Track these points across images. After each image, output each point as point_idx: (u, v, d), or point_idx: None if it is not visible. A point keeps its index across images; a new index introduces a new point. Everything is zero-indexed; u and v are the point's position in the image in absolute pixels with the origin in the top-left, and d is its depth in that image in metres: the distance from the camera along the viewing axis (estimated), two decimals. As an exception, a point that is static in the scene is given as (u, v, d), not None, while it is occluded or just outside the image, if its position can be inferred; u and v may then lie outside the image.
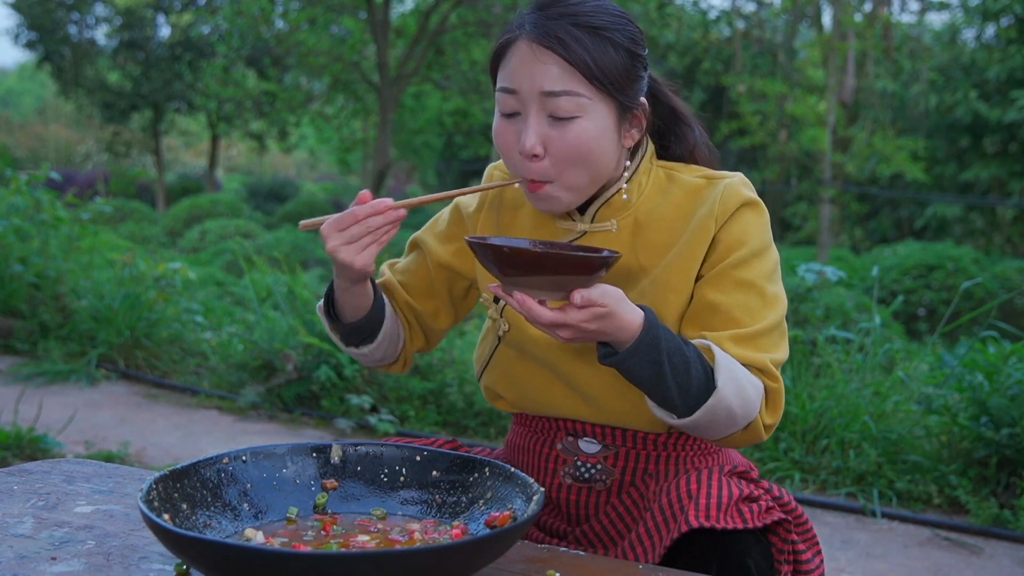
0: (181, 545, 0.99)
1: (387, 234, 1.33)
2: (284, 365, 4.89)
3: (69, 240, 6.30)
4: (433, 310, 1.61)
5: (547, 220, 1.50)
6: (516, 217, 1.53)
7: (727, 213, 1.39)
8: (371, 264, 1.34)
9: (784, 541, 1.30)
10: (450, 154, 20.85)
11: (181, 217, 15.29)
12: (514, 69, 1.37)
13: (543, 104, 1.35)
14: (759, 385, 1.34)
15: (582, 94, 1.34)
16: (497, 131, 1.41)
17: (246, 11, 11.63)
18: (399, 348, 1.59)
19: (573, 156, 1.35)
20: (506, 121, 1.40)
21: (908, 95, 17.33)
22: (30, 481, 1.41)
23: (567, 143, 1.35)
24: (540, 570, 1.15)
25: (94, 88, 20.91)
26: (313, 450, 1.27)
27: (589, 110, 1.35)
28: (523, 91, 1.36)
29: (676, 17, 13.11)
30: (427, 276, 1.60)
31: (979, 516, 3.55)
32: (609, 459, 1.46)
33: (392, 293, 1.60)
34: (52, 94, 26.24)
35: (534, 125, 1.35)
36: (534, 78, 1.34)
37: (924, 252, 11.62)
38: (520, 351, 1.48)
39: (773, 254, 1.42)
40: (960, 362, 4.16)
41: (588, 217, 1.45)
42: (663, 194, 1.45)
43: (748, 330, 1.35)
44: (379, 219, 1.32)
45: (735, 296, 1.37)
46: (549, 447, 1.49)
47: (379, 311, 1.50)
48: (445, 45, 12.51)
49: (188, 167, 28.89)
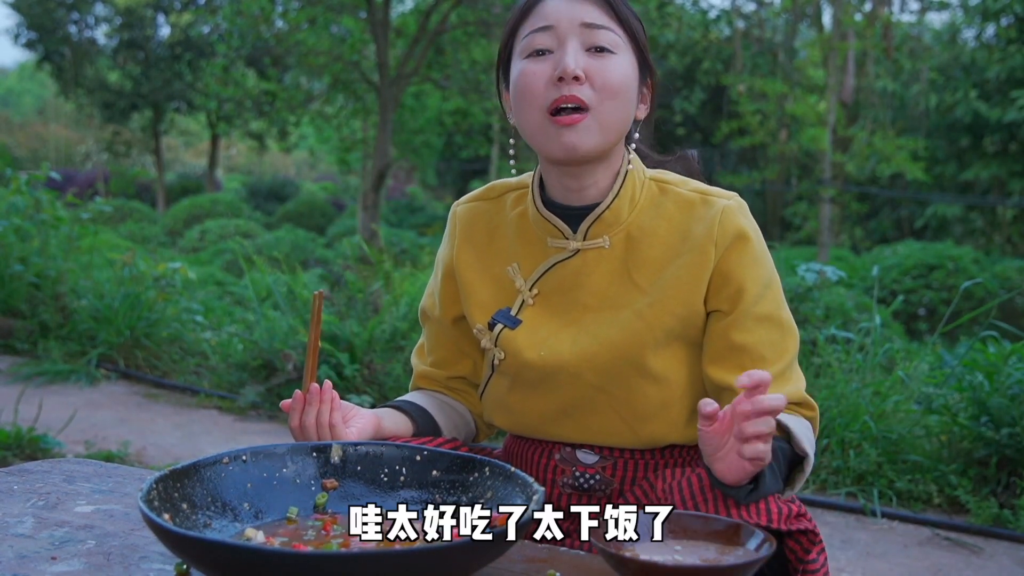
0: (181, 545, 0.99)
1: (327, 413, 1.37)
2: (284, 365, 4.89)
3: (69, 240, 6.30)
4: (472, 367, 1.58)
5: (535, 239, 1.45)
6: (494, 242, 1.49)
7: (727, 241, 1.38)
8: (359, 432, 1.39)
9: (805, 551, 1.27)
10: (450, 154, 20.86)
11: (181, 217, 15.30)
12: (549, 11, 1.36)
13: (583, 36, 1.35)
14: (808, 424, 1.40)
15: (618, 33, 1.36)
16: (524, 72, 1.37)
17: (246, 11, 11.64)
18: (472, 421, 1.60)
19: (613, 87, 1.35)
20: (535, 60, 1.37)
21: (908, 95, 17.33)
22: (30, 481, 1.41)
23: (607, 74, 1.34)
24: (540, 570, 1.15)
25: (94, 88, 20.92)
26: (313, 450, 1.27)
27: (623, 50, 1.37)
28: (561, 25, 1.35)
29: (676, 17, 13.11)
30: (450, 339, 1.57)
31: (979, 516, 3.55)
32: (607, 469, 1.45)
33: (431, 380, 1.59)
34: (52, 94, 26.25)
35: (573, 51, 1.34)
36: (574, 11, 1.35)
37: (924, 252, 11.63)
38: (514, 380, 1.46)
39: (776, 277, 1.43)
40: (960, 362, 4.16)
41: (580, 235, 1.42)
42: (656, 207, 1.42)
43: (778, 367, 1.40)
44: (310, 418, 1.38)
45: (759, 334, 1.39)
46: (547, 457, 1.49)
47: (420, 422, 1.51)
48: (445, 45, 12.51)
49: (188, 167, 28.90)
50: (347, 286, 5.27)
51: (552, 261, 1.43)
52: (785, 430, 1.35)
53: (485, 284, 1.48)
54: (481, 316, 1.48)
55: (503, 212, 1.51)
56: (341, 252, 11.07)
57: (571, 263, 1.42)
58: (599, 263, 1.41)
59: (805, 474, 1.35)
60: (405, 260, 6.58)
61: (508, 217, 1.49)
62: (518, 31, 1.40)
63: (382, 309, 5.04)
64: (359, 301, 5.15)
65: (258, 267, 5.71)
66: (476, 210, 1.53)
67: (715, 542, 1.12)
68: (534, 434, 1.48)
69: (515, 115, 1.41)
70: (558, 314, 1.43)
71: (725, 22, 17.96)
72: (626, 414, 1.41)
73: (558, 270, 1.43)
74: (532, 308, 1.44)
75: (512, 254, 1.47)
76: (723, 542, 1.12)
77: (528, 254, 1.46)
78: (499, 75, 1.48)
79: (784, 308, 1.43)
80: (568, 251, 1.42)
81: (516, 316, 1.45)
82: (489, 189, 1.55)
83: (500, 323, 1.45)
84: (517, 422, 1.49)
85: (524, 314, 1.45)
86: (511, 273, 1.46)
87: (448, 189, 23.48)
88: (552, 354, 1.41)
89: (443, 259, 1.56)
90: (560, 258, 1.43)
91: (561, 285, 1.43)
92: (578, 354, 1.40)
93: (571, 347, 1.40)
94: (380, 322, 4.94)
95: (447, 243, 1.56)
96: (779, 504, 1.26)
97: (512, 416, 1.49)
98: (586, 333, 1.40)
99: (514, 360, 1.44)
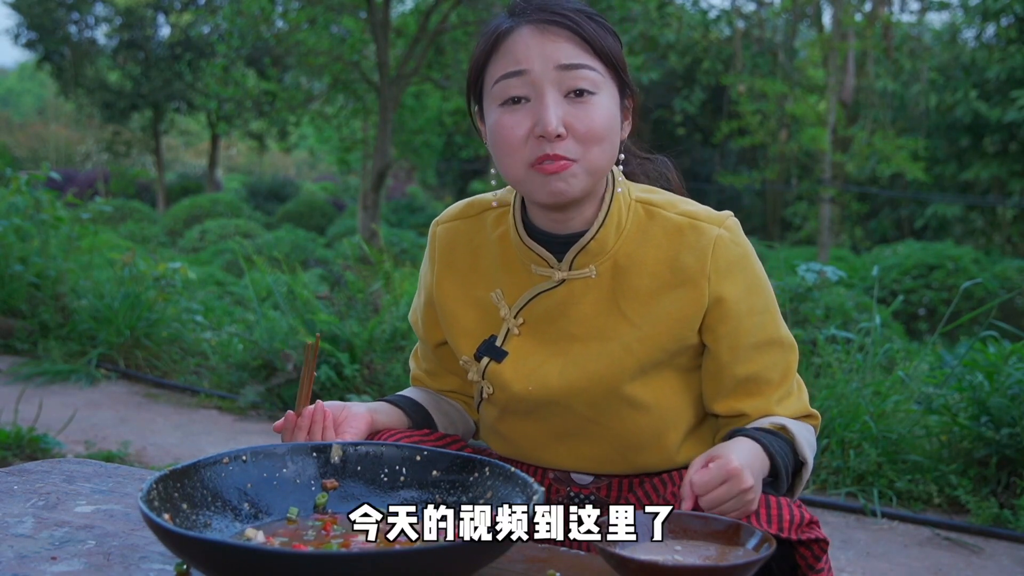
0: (181, 545, 0.99)
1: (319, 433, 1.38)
2: (284, 365, 4.89)
3: (69, 240, 6.30)
4: (460, 383, 1.56)
5: (519, 265, 1.40)
6: (476, 265, 1.44)
7: (721, 274, 1.33)
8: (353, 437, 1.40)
9: (816, 558, 1.27)
10: (450, 154, 20.83)
11: (181, 217, 15.30)
12: (520, 52, 1.28)
13: (559, 80, 1.27)
14: (812, 429, 1.42)
15: (596, 69, 1.28)
16: (500, 123, 1.29)
17: (246, 11, 11.63)
18: (470, 419, 1.59)
19: (596, 134, 1.27)
20: (511, 109, 1.29)
21: (908, 95, 17.33)
22: (30, 481, 1.41)
23: (590, 120, 1.27)
24: (540, 570, 1.15)
25: (94, 88, 20.92)
26: (313, 450, 1.27)
27: (603, 87, 1.29)
28: (535, 70, 1.27)
29: (676, 17, 13.09)
30: (435, 359, 1.56)
31: (979, 516, 3.55)
32: (602, 489, 1.45)
33: (429, 382, 1.59)
34: (52, 94, 26.24)
35: (553, 104, 1.26)
36: (546, 54, 1.27)
37: (924, 252, 11.63)
38: (503, 410, 1.44)
39: (772, 295, 1.40)
40: (960, 362, 4.16)
41: (566, 264, 1.36)
42: (643, 234, 1.36)
43: (784, 388, 1.40)
44: (301, 433, 1.38)
45: (762, 361, 1.38)
46: (541, 476, 1.48)
47: (415, 418, 1.51)
48: (445, 45, 12.51)
49: (188, 167, 28.88)
50: (347, 286, 5.27)
51: (537, 290, 1.38)
52: (789, 434, 1.35)
53: (468, 310, 1.44)
54: (467, 346, 1.44)
55: (484, 232, 1.45)
56: (341, 252, 11.06)
57: (557, 293, 1.38)
58: (586, 293, 1.37)
59: (803, 480, 1.36)
60: (405, 260, 6.58)
61: (490, 238, 1.44)
62: (487, 67, 1.32)
63: (382, 309, 5.04)
64: (359, 301, 5.15)
65: (258, 267, 5.70)
66: (456, 230, 1.47)
67: (715, 542, 1.12)
68: (527, 459, 1.47)
69: (495, 160, 1.35)
70: (545, 343, 1.39)
71: (725, 22, 17.94)
72: (619, 444, 1.40)
73: (543, 299, 1.38)
74: (518, 338, 1.40)
75: (495, 279, 1.42)
76: (723, 542, 1.12)
77: (512, 280, 1.41)
78: (470, 104, 1.40)
79: (782, 326, 1.40)
80: (553, 281, 1.37)
81: (502, 347, 1.41)
82: (468, 206, 1.48)
83: (486, 357, 1.42)
84: (510, 448, 1.48)
85: (510, 344, 1.41)
86: (495, 299, 1.41)
87: (448, 189, 23.47)
88: (540, 387, 1.38)
89: (425, 283, 1.52)
90: (545, 287, 1.38)
91: (547, 314, 1.39)
92: (566, 387, 1.37)
93: (559, 380, 1.37)
94: (380, 322, 4.94)
95: (428, 265, 1.51)
96: (792, 510, 1.25)
97: (505, 442, 1.48)
98: (574, 365, 1.37)
99: (502, 393, 1.41)
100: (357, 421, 1.42)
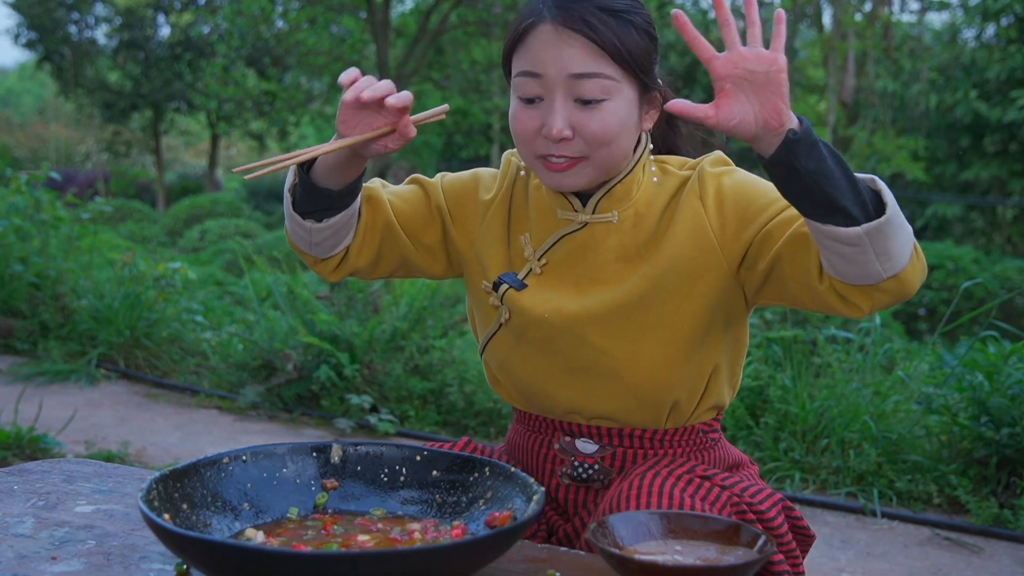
0: (181, 545, 0.99)
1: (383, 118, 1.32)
2: (284, 365, 4.89)
3: (69, 240, 6.30)
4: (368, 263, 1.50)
5: (548, 210, 1.47)
6: (524, 214, 1.51)
7: (709, 190, 1.39)
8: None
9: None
10: (450, 154, 20.82)
11: (181, 217, 15.28)
12: (537, 53, 1.35)
13: (570, 87, 1.33)
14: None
15: (610, 76, 1.34)
16: (516, 116, 1.38)
17: (246, 11, 11.65)
18: (341, 245, 1.46)
19: (603, 138, 1.35)
20: (526, 106, 1.37)
21: (908, 95, 17.32)
22: (30, 481, 1.41)
23: (596, 127, 1.34)
24: (540, 570, 1.15)
25: (94, 88, 20.93)
26: (313, 450, 1.27)
27: (615, 92, 1.34)
28: (548, 75, 1.34)
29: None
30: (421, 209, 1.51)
31: (979, 516, 3.55)
32: (607, 459, 1.46)
33: (374, 205, 1.48)
34: (52, 94, 26.25)
35: (561, 109, 1.34)
36: (561, 61, 1.33)
37: (924, 252, 11.61)
38: (519, 337, 1.46)
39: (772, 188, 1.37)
40: (960, 362, 4.16)
41: (589, 208, 1.43)
42: (659, 185, 1.44)
43: None
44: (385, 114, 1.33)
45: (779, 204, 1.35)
46: (547, 447, 1.49)
47: (353, 193, 1.40)
48: (445, 45, 12.53)
49: (188, 167, 28.87)
50: (347, 286, 5.27)
51: (561, 233, 1.45)
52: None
53: (501, 247, 1.49)
54: (491, 270, 1.49)
55: (530, 180, 1.52)
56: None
57: (579, 236, 1.44)
58: (607, 237, 1.42)
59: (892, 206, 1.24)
60: (405, 260, 6.57)
61: (531, 185, 1.51)
62: (513, 55, 1.40)
63: (382, 309, 5.04)
64: (359, 301, 5.15)
65: (258, 267, 5.71)
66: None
67: (715, 542, 1.12)
68: (535, 399, 1.48)
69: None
70: (564, 284, 1.44)
71: (725, 22, 17.93)
72: (630, 379, 1.41)
73: (566, 242, 1.44)
74: (539, 276, 1.45)
75: (528, 224, 1.49)
76: (723, 542, 1.12)
77: (541, 225, 1.47)
78: (508, 72, 1.45)
79: None
80: (576, 223, 1.44)
81: (523, 280, 1.46)
82: None
83: (506, 283, 1.46)
84: (521, 385, 1.49)
85: (530, 280, 1.46)
86: (523, 242, 1.47)
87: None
88: (556, 313, 1.42)
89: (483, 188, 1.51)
90: (569, 230, 1.44)
91: (569, 256, 1.44)
92: (583, 313, 1.41)
93: (575, 307, 1.42)
94: (380, 322, 4.94)
95: (494, 183, 1.52)
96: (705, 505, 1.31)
97: (515, 376, 1.49)
98: (592, 299, 1.42)
99: (520, 318, 1.44)
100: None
